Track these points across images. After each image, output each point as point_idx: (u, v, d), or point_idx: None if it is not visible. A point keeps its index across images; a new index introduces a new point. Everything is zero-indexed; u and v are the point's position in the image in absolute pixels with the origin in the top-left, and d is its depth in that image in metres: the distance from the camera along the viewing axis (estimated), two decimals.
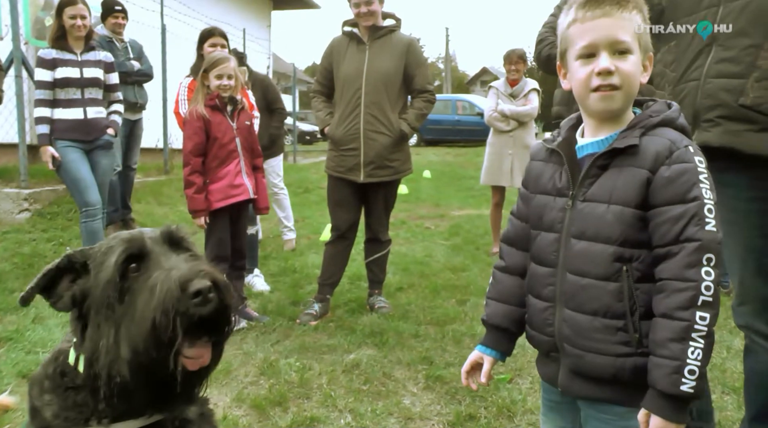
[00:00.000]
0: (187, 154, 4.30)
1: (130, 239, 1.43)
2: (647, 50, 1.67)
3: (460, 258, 6.70)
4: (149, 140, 9.86)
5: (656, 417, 1.49)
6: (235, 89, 4.35)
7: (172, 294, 1.28)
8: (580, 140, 1.73)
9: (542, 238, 1.74)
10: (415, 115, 4.69)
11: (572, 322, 1.65)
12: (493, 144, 7.03)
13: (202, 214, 4.30)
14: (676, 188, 1.53)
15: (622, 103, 1.64)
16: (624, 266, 1.57)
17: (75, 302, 1.43)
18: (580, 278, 1.63)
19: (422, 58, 4.87)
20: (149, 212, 8.42)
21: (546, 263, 1.72)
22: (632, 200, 1.57)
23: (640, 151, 1.58)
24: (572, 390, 1.71)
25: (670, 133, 1.61)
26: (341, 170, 4.70)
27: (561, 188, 1.71)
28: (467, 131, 24.43)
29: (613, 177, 1.61)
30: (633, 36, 1.61)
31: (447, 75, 48.68)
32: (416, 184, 12.81)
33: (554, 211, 1.71)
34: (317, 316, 4.60)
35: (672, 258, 1.51)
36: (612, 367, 1.59)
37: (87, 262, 1.45)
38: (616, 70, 1.60)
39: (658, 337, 1.50)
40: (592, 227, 1.62)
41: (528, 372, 3.66)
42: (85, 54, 5.24)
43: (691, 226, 1.49)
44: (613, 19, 1.60)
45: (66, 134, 5.11)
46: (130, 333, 1.32)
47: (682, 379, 1.45)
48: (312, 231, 8.12)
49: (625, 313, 1.57)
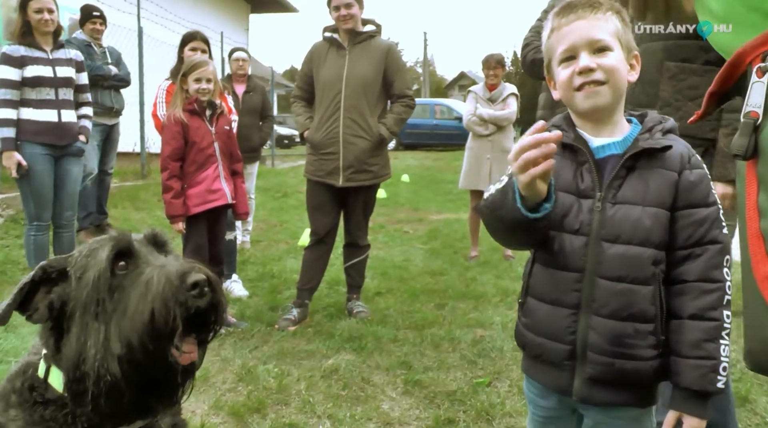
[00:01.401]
0: (165, 158, 4.27)
1: (118, 237, 1.42)
2: (630, 49, 1.66)
3: (439, 262, 6.71)
4: (126, 144, 9.77)
5: (692, 417, 1.52)
6: (214, 94, 4.33)
7: (172, 285, 1.28)
8: (596, 140, 1.67)
9: (566, 241, 1.64)
10: (394, 119, 4.70)
11: (603, 329, 1.58)
12: (471, 148, 7.06)
13: (179, 219, 4.27)
14: (700, 191, 1.57)
15: (610, 98, 1.62)
16: (657, 268, 1.57)
17: (52, 311, 1.39)
18: (615, 284, 1.58)
19: (401, 63, 4.88)
20: (126, 217, 8.35)
21: (572, 267, 1.63)
22: (666, 202, 1.58)
23: (669, 153, 1.60)
24: (591, 399, 1.64)
25: (680, 139, 1.65)
26: (320, 175, 4.69)
27: (585, 189, 1.64)
28: (445, 135, 24.53)
29: (643, 179, 1.60)
30: (612, 35, 1.62)
31: (425, 79, 48.77)
32: (395, 188, 12.82)
33: (582, 213, 1.63)
34: (296, 321, 4.58)
35: (696, 260, 1.54)
36: (641, 371, 1.58)
37: (66, 269, 1.41)
38: (597, 66, 1.60)
39: (690, 338, 1.52)
40: (627, 230, 1.58)
41: (506, 375, 3.67)
42: (55, 52, 4.96)
43: (713, 229, 1.55)
44: (588, 21, 1.62)
45: (37, 137, 4.80)
46: (123, 328, 1.30)
47: (718, 377, 1.49)
48: (290, 236, 8.10)
49: (656, 316, 1.56)
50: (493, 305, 5.02)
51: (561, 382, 1.68)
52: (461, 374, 3.72)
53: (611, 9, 1.63)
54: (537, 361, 1.74)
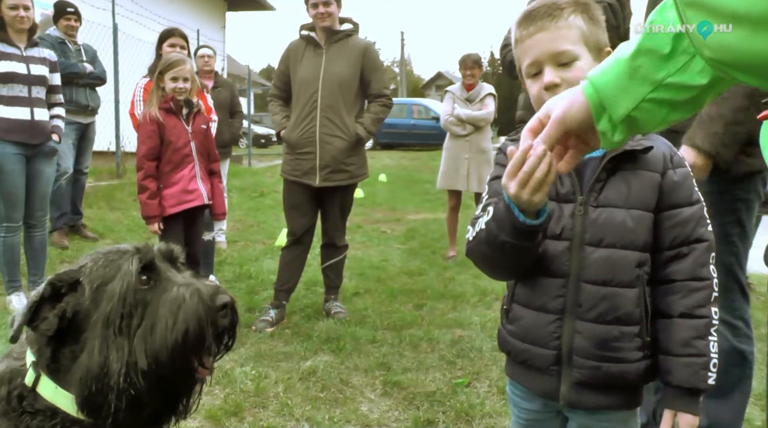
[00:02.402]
0: (141, 158, 4.22)
1: (143, 250, 1.42)
2: (600, 48, 1.60)
3: (417, 262, 6.70)
4: (101, 143, 9.66)
5: (687, 415, 1.52)
6: (191, 92, 4.28)
7: (205, 305, 1.34)
8: None
9: (549, 247, 1.62)
10: (372, 119, 4.68)
11: (589, 333, 1.58)
12: (449, 148, 7.06)
13: (155, 220, 4.22)
14: (683, 191, 1.57)
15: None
16: (641, 270, 1.56)
17: (62, 321, 1.35)
18: (600, 288, 1.56)
19: (379, 62, 4.86)
20: (101, 217, 8.25)
21: (556, 273, 1.61)
22: (649, 204, 1.57)
23: (650, 154, 1.59)
24: (579, 403, 1.63)
25: (661, 137, 1.63)
26: (297, 174, 4.66)
27: (566, 194, 1.62)
28: (422, 135, 24.56)
29: (625, 181, 1.57)
30: (577, 40, 1.56)
31: (402, 79, 48.80)
32: (372, 188, 12.80)
33: (563, 218, 1.61)
34: (273, 323, 4.55)
35: (683, 259, 1.54)
36: (627, 374, 1.57)
37: (79, 280, 1.38)
38: (562, 81, 1.56)
39: (680, 337, 1.51)
40: (611, 233, 1.56)
41: (485, 375, 3.67)
42: (29, 49, 4.83)
43: (699, 227, 1.55)
44: (549, 32, 1.57)
45: (8, 135, 4.66)
46: (151, 344, 1.32)
47: (708, 374, 1.49)
48: (267, 236, 8.04)
49: (641, 318, 1.56)
50: (472, 306, 5.02)
51: (547, 387, 1.67)
52: (440, 374, 3.71)
53: (575, 10, 1.58)
54: (523, 366, 1.72)
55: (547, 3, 1.59)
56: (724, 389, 2.62)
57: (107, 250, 1.45)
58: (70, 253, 6.47)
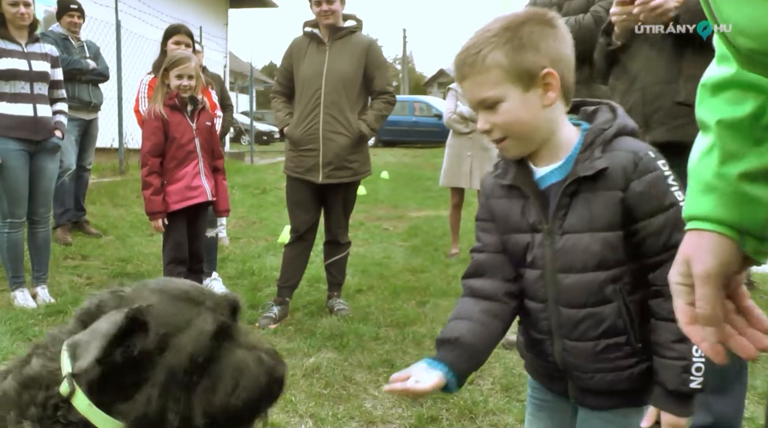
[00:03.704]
0: (145, 154, 4.23)
1: (217, 309, 1.40)
2: (533, 75, 1.53)
3: (419, 260, 6.71)
4: (104, 139, 9.67)
5: (667, 414, 1.51)
6: (196, 89, 4.29)
7: (268, 377, 1.39)
8: (538, 170, 1.63)
9: (526, 274, 1.67)
10: (375, 116, 4.69)
11: (575, 351, 1.61)
12: (452, 146, 7.07)
13: (159, 216, 4.23)
14: (651, 200, 1.51)
15: (519, 148, 1.61)
16: (616, 285, 1.56)
17: (126, 360, 1.31)
18: (578, 310, 1.59)
19: (382, 59, 4.86)
20: (104, 213, 8.27)
21: (536, 298, 1.67)
22: (615, 224, 1.53)
23: (608, 171, 1.53)
24: (586, 403, 1.70)
25: (628, 143, 1.56)
26: (300, 171, 4.67)
27: (534, 223, 1.62)
28: (424, 132, 24.54)
29: (587, 204, 1.55)
30: (499, 82, 1.53)
31: (404, 76, 48.80)
32: (374, 185, 12.80)
33: (534, 247, 1.63)
34: (276, 319, 4.55)
35: (664, 266, 1.50)
36: (623, 381, 1.60)
37: (146, 321, 1.33)
38: (492, 126, 1.57)
39: (662, 339, 1.51)
40: (579, 259, 1.56)
41: (489, 373, 3.67)
42: (30, 45, 4.82)
43: (675, 232, 1.48)
44: (470, 80, 1.57)
45: (11, 131, 4.66)
46: (210, 405, 1.32)
47: (691, 377, 1.47)
48: (269, 233, 8.05)
49: (625, 328, 1.57)
50: None
51: (558, 388, 1.75)
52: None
53: (495, 46, 1.53)
54: (537, 370, 1.82)
55: (468, 47, 1.57)
56: (725, 384, 2.64)
57: (175, 291, 1.40)
58: (73, 249, 6.48)
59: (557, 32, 1.57)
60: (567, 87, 1.59)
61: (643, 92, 2.69)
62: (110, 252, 6.56)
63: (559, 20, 1.60)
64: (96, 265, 6.06)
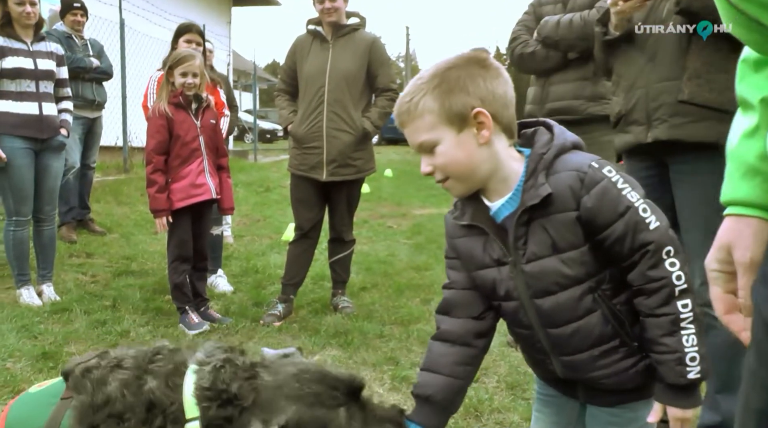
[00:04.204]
0: (150, 152, 4.23)
1: (351, 408, 1.54)
2: (465, 117, 1.56)
3: (423, 257, 6.70)
4: (109, 138, 9.67)
5: (673, 408, 1.52)
6: (201, 87, 4.29)
7: None
8: (491, 205, 1.66)
9: (505, 307, 1.71)
10: (378, 113, 4.68)
11: (573, 364, 1.65)
12: None
13: (163, 213, 4.23)
14: (605, 210, 1.51)
15: (462, 187, 1.64)
16: (594, 294, 1.57)
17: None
18: (563, 329, 1.62)
19: (386, 56, 4.86)
20: (108, 211, 8.27)
21: (521, 326, 1.71)
22: (576, 242, 1.55)
23: (555, 195, 1.54)
24: (595, 402, 1.73)
25: (570, 160, 1.57)
26: (304, 169, 4.67)
27: (499, 258, 1.65)
28: None
29: (543, 230, 1.57)
30: (433, 125, 1.58)
31: (407, 74, 48.67)
32: (378, 183, 12.80)
33: (504, 281, 1.66)
34: (281, 317, 4.55)
35: (637, 266, 1.52)
36: (629, 380, 1.62)
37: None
38: (434, 168, 1.61)
39: (651, 335, 1.53)
40: (551, 282, 1.59)
41: (494, 371, 3.67)
42: (36, 44, 4.83)
43: (638, 234, 1.50)
44: (408, 128, 1.62)
45: (17, 130, 4.66)
46: None
47: (687, 368, 1.48)
48: (273, 231, 8.05)
49: (616, 332, 1.59)
50: None
51: (566, 391, 1.79)
52: None
53: (426, 92, 1.58)
54: (545, 377, 1.86)
55: (403, 95, 1.62)
56: (733, 382, 2.63)
57: (310, 398, 1.48)
58: (78, 247, 6.49)
59: (488, 72, 1.59)
60: (504, 124, 1.61)
61: (647, 90, 2.69)
62: (115, 250, 6.57)
63: (492, 60, 1.63)
64: (101, 263, 6.07)
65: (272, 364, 1.56)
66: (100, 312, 4.54)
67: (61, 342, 3.91)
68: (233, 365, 1.48)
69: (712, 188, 2.60)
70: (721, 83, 2.50)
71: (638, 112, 2.73)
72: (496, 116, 1.58)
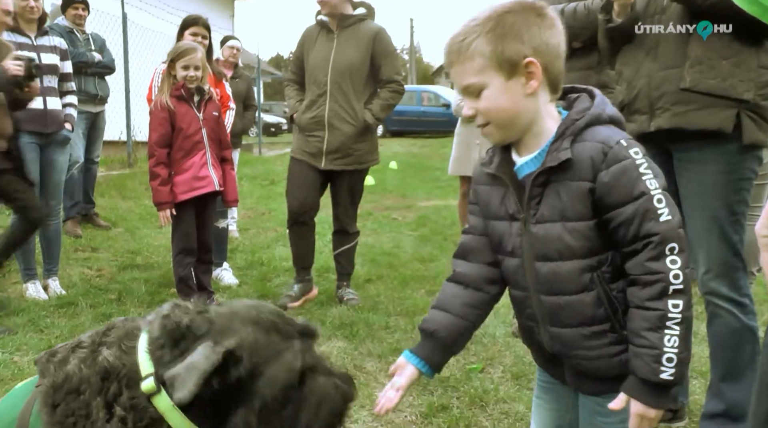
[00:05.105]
0: (152, 145, 4.24)
1: (304, 347, 1.49)
2: (515, 63, 1.54)
3: (428, 249, 6.70)
4: (112, 132, 9.68)
5: (637, 402, 1.51)
6: (203, 80, 4.29)
7: (345, 402, 1.53)
8: (517, 159, 1.66)
9: (507, 263, 1.72)
10: (381, 105, 4.68)
11: (560, 337, 1.65)
12: (460, 134, 7.02)
13: (167, 206, 4.24)
14: (620, 189, 1.50)
15: (500, 135, 1.63)
16: (593, 273, 1.56)
17: (223, 384, 1.37)
18: (556, 298, 1.61)
19: (390, 47, 4.83)
20: (113, 206, 8.29)
21: (518, 287, 1.72)
22: (585, 214, 1.54)
23: (575, 162, 1.53)
24: (583, 389, 1.72)
25: (600, 132, 1.55)
26: (305, 155, 4.72)
27: (513, 213, 1.66)
28: (432, 122, 24.48)
29: (557, 194, 1.57)
30: (481, 70, 1.56)
31: (412, 66, 48.61)
32: (382, 175, 12.79)
33: (512, 237, 1.67)
34: (296, 297, 4.64)
35: (637, 255, 1.50)
36: (613, 368, 1.60)
37: (241, 356, 1.40)
38: (476, 111, 1.60)
39: (634, 327, 1.51)
40: (553, 248, 1.58)
41: (499, 361, 3.67)
42: (39, 38, 4.85)
43: (646, 222, 1.48)
44: (456, 68, 1.60)
45: (21, 124, 4.57)
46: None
47: (662, 367, 1.46)
48: (278, 224, 8.05)
49: (608, 316, 1.57)
50: None
51: (557, 373, 1.79)
52: (454, 360, 3.70)
53: (479, 34, 1.55)
54: (535, 355, 1.87)
55: (454, 35, 1.60)
56: (737, 370, 2.64)
57: (266, 324, 1.46)
58: (84, 242, 6.50)
59: (544, 21, 1.57)
60: (553, 76, 1.59)
61: (649, 79, 2.69)
62: (120, 244, 6.58)
63: (549, 10, 1.60)
64: (106, 257, 6.08)
65: (225, 303, 1.57)
66: (105, 306, 4.55)
67: (67, 336, 3.92)
68: (182, 307, 1.46)
69: (716, 175, 2.62)
70: (723, 70, 2.51)
71: (641, 101, 2.73)
72: (547, 68, 1.56)
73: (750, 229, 2.06)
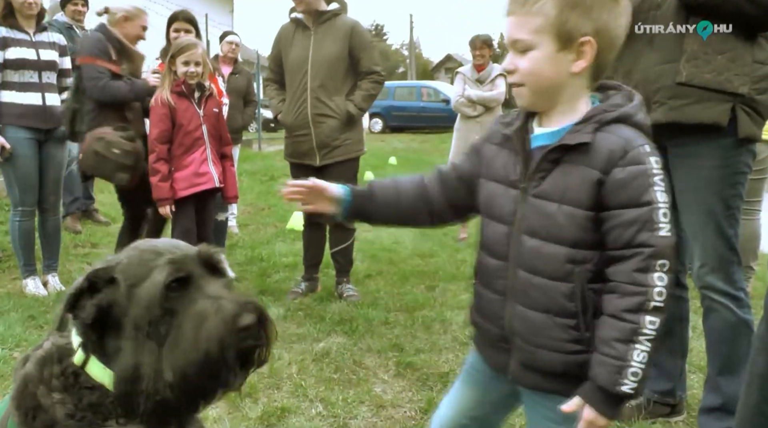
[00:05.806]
0: (152, 141, 4.24)
1: (178, 263, 1.38)
2: (572, 38, 1.51)
3: (428, 244, 6.70)
4: None
5: (590, 408, 1.48)
6: (203, 76, 4.29)
7: (227, 327, 1.30)
8: (536, 129, 1.64)
9: (493, 229, 1.68)
10: (362, 96, 4.71)
11: (524, 318, 1.61)
12: (460, 130, 7.05)
13: (167, 202, 4.24)
14: (629, 191, 1.47)
15: (530, 100, 1.60)
16: (576, 267, 1.53)
17: (100, 311, 1.36)
18: (532, 276, 1.58)
19: (367, 39, 4.84)
20: (113, 202, 8.24)
21: (497, 255, 1.67)
22: (584, 202, 1.51)
23: (593, 149, 1.50)
24: (524, 381, 1.67)
25: (626, 131, 1.52)
26: (297, 156, 4.78)
27: (514, 180, 1.63)
28: (432, 117, 24.45)
29: (565, 175, 1.54)
30: (539, 30, 1.52)
31: (411, 62, 48.55)
32: (382, 171, 12.79)
33: (507, 203, 1.64)
34: (303, 294, 4.72)
35: (625, 262, 1.48)
36: (563, 364, 1.57)
37: (114, 276, 1.38)
38: (516, 69, 1.57)
39: (604, 335, 1.49)
40: (543, 225, 1.56)
41: None
42: (38, 34, 4.82)
43: (644, 231, 1.45)
44: (515, 17, 1.56)
45: (21, 120, 4.66)
46: (176, 359, 1.30)
47: (624, 380, 1.44)
48: (278, 219, 8.05)
49: (577, 313, 1.54)
50: None
51: (500, 362, 1.72)
52: (453, 356, 3.72)
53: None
54: (481, 338, 1.80)
55: None
56: (734, 363, 2.65)
57: (145, 247, 1.43)
58: (83, 237, 6.51)
59: (616, 8, 1.54)
60: (601, 63, 1.57)
61: (645, 73, 2.70)
62: None
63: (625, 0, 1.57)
64: (105, 253, 6.07)
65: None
66: None
67: None
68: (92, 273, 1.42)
69: (711, 170, 2.64)
70: (719, 65, 2.52)
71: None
72: (600, 53, 1.54)
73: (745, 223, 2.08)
